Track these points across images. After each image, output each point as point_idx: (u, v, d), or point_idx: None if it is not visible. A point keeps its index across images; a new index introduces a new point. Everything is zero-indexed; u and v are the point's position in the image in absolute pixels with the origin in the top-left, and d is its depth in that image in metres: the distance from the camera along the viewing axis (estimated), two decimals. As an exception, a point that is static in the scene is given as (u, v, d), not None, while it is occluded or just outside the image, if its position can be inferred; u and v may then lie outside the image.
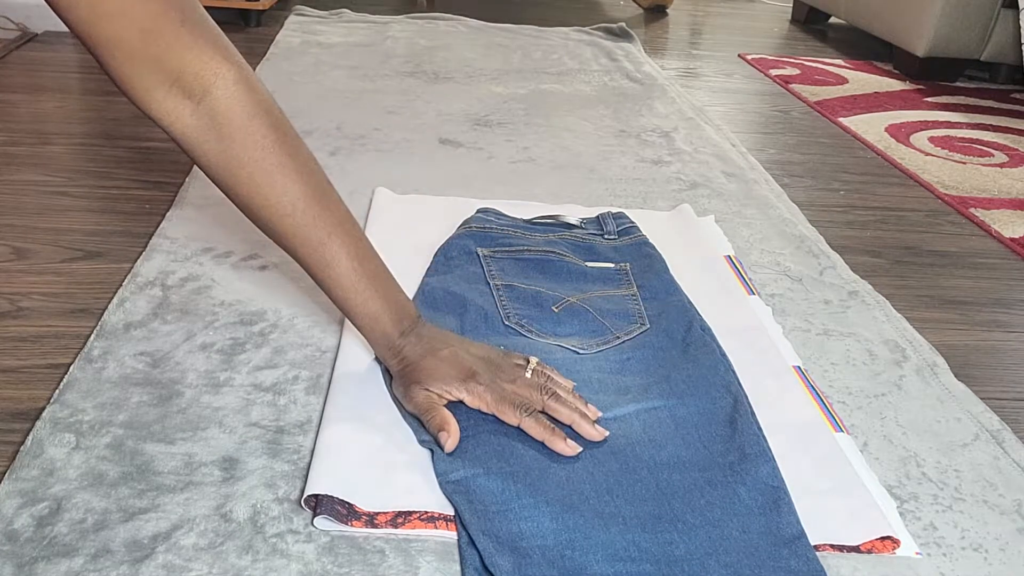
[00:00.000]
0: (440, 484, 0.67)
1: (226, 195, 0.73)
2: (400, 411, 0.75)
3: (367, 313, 0.75)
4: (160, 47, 0.65)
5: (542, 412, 0.73)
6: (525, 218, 1.10)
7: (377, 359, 0.80)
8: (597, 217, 1.11)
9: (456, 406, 0.74)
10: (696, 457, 0.71)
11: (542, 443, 0.71)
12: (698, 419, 0.75)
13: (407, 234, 1.07)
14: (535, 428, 0.71)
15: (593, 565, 0.60)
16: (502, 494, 0.65)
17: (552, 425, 0.71)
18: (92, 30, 0.63)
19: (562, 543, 0.61)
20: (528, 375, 0.75)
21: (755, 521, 0.65)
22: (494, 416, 0.73)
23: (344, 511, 0.64)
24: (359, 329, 0.77)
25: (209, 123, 0.68)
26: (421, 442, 0.72)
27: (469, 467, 0.68)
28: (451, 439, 0.69)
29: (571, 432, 0.72)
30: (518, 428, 0.72)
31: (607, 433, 0.72)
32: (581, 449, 0.70)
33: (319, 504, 0.64)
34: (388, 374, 0.78)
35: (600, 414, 0.75)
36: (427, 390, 0.73)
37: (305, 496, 0.65)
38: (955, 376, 0.90)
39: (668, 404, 0.77)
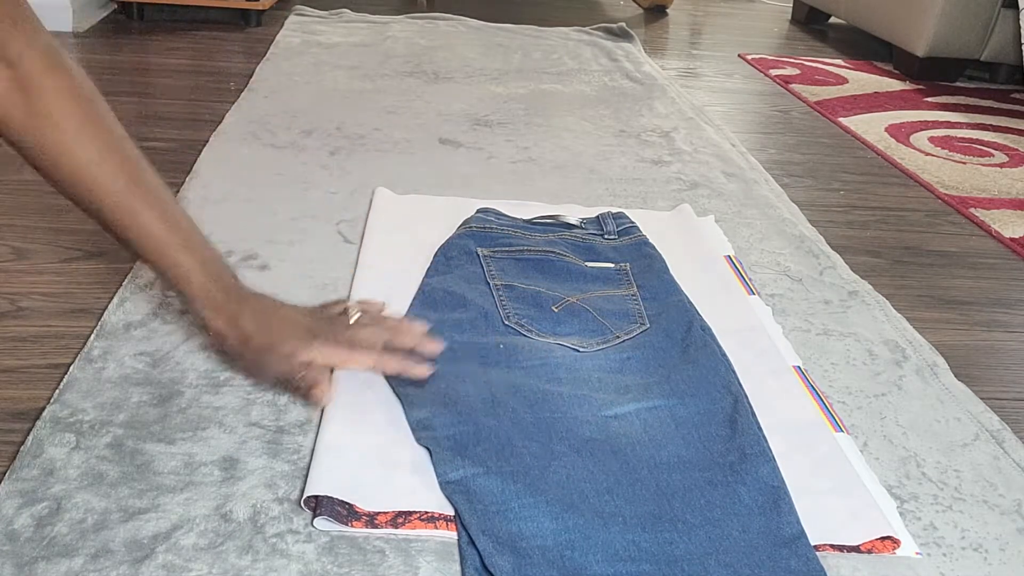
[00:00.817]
0: (440, 484, 0.67)
1: (27, 157, 0.71)
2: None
3: (182, 263, 0.74)
4: None
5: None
6: (525, 218, 1.10)
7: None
8: (597, 217, 1.11)
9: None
10: (696, 457, 0.71)
11: (540, 441, 0.71)
12: (698, 419, 0.76)
13: (407, 234, 1.07)
14: (391, 363, 0.75)
15: (593, 565, 0.60)
16: (501, 494, 0.65)
17: (403, 356, 0.76)
18: None
19: (562, 543, 0.61)
20: (355, 317, 0.78)
21: (755, 521, 0.65)
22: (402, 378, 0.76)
23: (344, 512, 0.64)
24: (176, 284, 0.75)
25: (21, 84, 0.67)
26: (419, 440, 0.72)
27: (468, 467, 0.68)
28: (329, 392, 0.73)
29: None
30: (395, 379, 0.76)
31: (442, 345, 0.78)
32: (435, 369, 0.76)
33: (319, 505, 0.64)
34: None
35: (428, 326, 0.81)
36: (282, 355, 0.74)
37: (305, 497, 0.65)
38: (955, 376, 0.90)
39: (668, 404, 0.77)
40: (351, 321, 0.78)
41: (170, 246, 0.73)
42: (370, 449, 0.70)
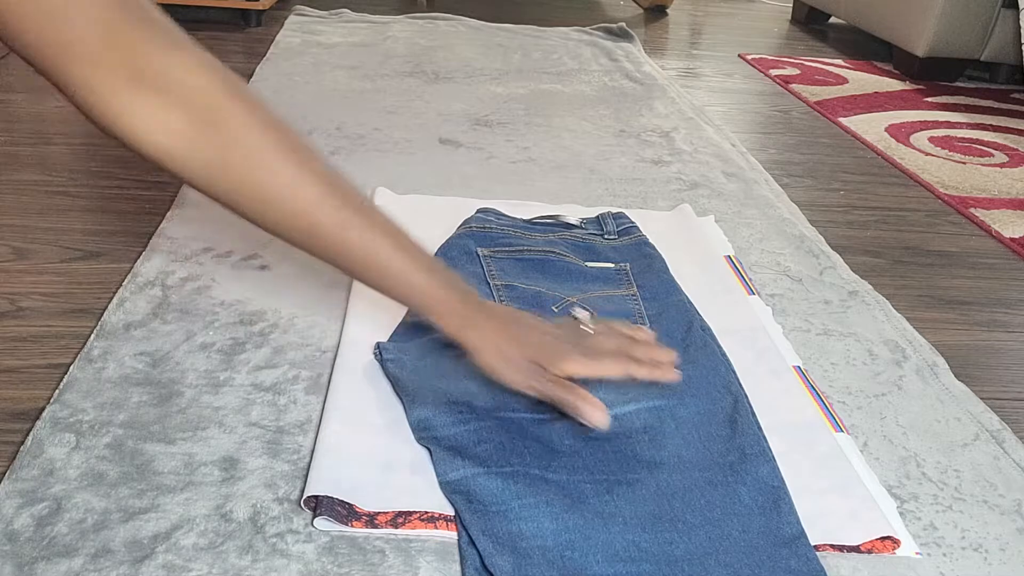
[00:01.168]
0: (440, 484, 0.67)
1: (227, 202, 0.64)
2: (408, 409, 0.74)
3: (426, 285, 0.69)
4: (124, 42, 0.56)
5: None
6: (525, 218, 1.10)
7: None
8: (597, 217, 1.11)
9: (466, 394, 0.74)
10: (696, 457, 0.71)
11: (541, 441, 0.71)
12: (698, 419, 0.76)
13: (407, 234, 1.07)
14: (643, 371, 0.71)
15: (593, 565, 0.60)
16: (501, 494, 0.65)
17: (650, 362, 0.72)
18: (41, 33, 0.54)
19: (562, 543, 0.61)
20: (592, 327, 0.74)
21: (755, 521, 0.65)
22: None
23: (344, 512, 0.64)
24: (421, 306, 0.70)
25: (204, 121, 0.59)
26: (419, 440, 0.72)
27: (469, 466, 0.68)
28: (598, 409, 0.68)
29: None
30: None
31: (675, 355, 0.75)
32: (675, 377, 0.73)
33: (319, 505, 0.64)
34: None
35: (651, 336, 0.77)
36: (537, 364, 0.69)
37: (305, 497, 0.65)
38: (955, 376, 0.90)
39: (668, 404, 0.77)
40: (589, 328, 0.74)
41: (399, 259, 0.68)
42: (370, 449, 0.70)
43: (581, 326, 0.75)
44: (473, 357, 0.71)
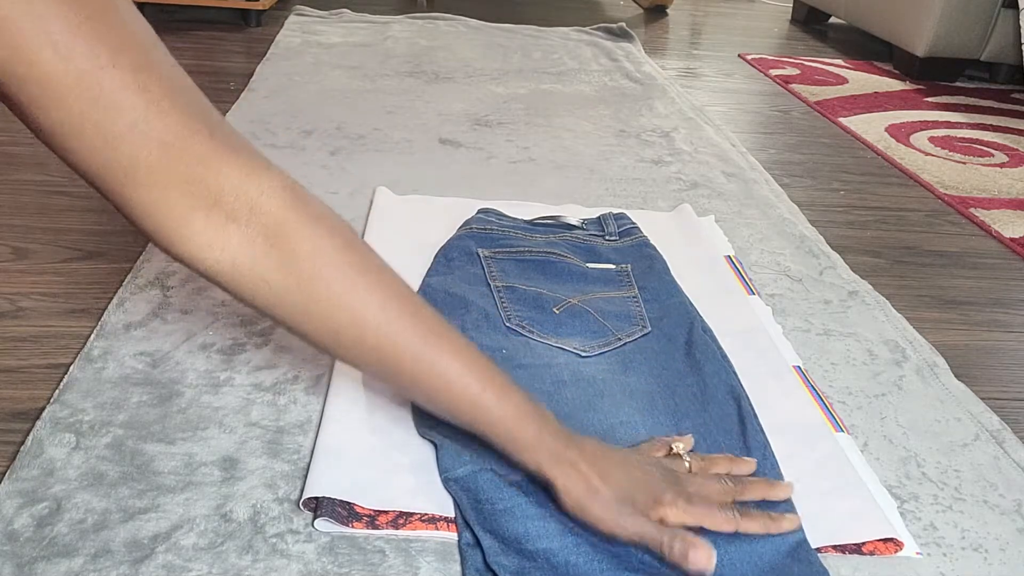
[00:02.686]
0: (443, 481, 0.67)
1: (294, 327, 0.59)
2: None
3: (507, 416, 0.62)
4: (188, 163, 0.52)
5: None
6: (526, 219, 1.10)
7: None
8: (598, 218, 1.11)
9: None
10: None
11: None
12: (705, 429, 0.75)
13: (407, 234, 1.07)
14: (755, 526, 0.63)
15: (598, 571, 0.60)
16: (509, 492, 0.65)
17: (762, 516, 0.64)
18: (103, 158, 0.51)
19: (568, 546, 0.61)
20: (688, 466, 0.67)
21: (760, 535, 0.64)
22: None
23: (344, 512, 0.64)
24: (505, 444, 0.62)
25: (265, 241, 0.55)
26: (424, 434, 0.72)
27: (476, 462, 0.67)
28: (708, 555, 0.58)
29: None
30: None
31: (791, 490, 0.68)
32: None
33: (319, 506, 0.64)
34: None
35: (754, 466, 0.69)
36: (636, 508, 0.61)
37: (305, 498, 0.64)
38: (955, 376, 0.90)
39: (674, 419, 0.77)
40: (685, 466, 0.67)
41: (483, 391, 0.61)
42: (370, 449, 0.70)
43: (678, 461, 0.68)
44: (560, 495, 0.62)
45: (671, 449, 0.68)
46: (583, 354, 0.85)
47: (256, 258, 0.56)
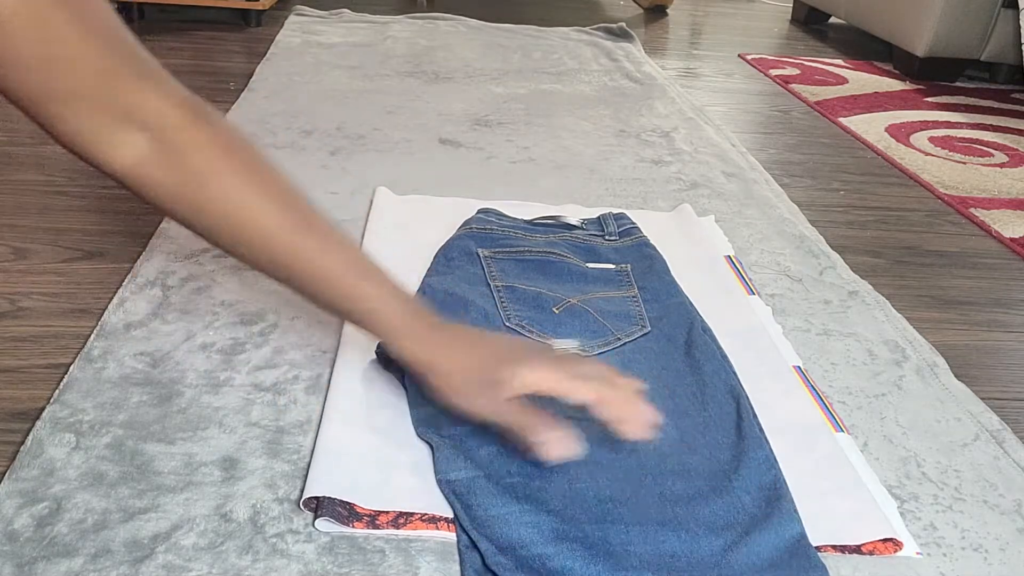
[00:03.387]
0: (439, 482, 0.67)
1: (187, 220, 0.67)
2: (415, 422, 0.69)
3: (377, 296, 0.68)
4: (116, 87, 0.61)
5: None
6: (526, 219, 1.10)
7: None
8: (598, 218, 1.11)
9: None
10: (701, 465, 0.71)
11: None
12: (703, 427, 0.75)
13: (407, 234, 1.07)
14: (617, 404, 0.64)
15: (593, 574, 0.60)
16: (502, 497, 0.65)
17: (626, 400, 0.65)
18: (46, 89, 0.58)
19: (562, 551, 0.61)
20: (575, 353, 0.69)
21: (760, 531, 0.64)
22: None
23: (345, 512, 0.64)
24: (374, 320, 0.68)
25: (166, 144, 0.63)
26: (421, 435, 0.72)
27: (471, 468, 0.68)
28: (562, 442, 0.62)
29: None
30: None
31: (661, 418, 0.67)
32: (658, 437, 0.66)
33: (320, 506, 0.64)
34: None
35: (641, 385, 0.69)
36: (496, 381, 0.64)
37: (305, 498, 0.64)
38: (955, 376, 0.90)
39: (673, 418, 0.76)
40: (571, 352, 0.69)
41: (356, 283, 0.68)
42: (370, 449, 0.70)
43: (562, 351, 0.68)
44: (425, 380, 0.68)
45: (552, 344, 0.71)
46: (582, 354, 0.85)
47: (158, 160, 0.63)
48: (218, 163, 0.65)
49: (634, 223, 1.10)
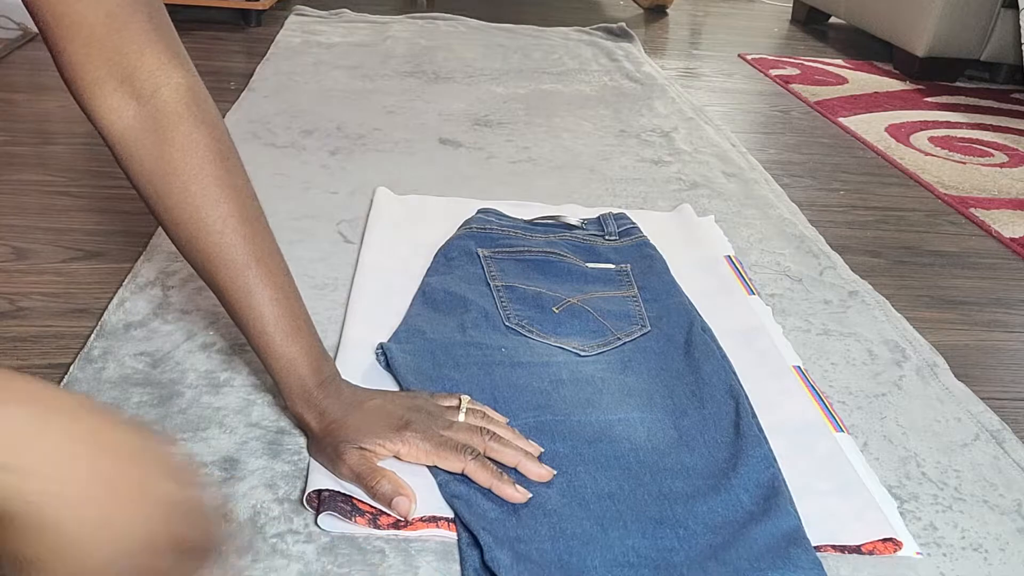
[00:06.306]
0: (439, 484, 0.67)
1: (150, 205, 0.68)
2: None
3: (285, 355, 0.68)
4: (122, 37, 0.63)
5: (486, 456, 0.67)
6: (526, 218, 1.10)
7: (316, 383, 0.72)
8: (598, 218, 1.11)
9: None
10: (700, 463, 0.71)
11: (543, 443, 0.71)
12: (702, 426, 0.75)
13: (407, 234, 1.07)
14: (481, 473, 0.65)
15: (592, 570, 0.60)
16: (500, 501, 0.65)
17: (498, 470, 0.66)
18: (58, 11, 0.61)
19: (560, 548, 0.61)
20: (462, 417, 0.70)
21: (757, 525, 0.64)
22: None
23: (347, 507, 0.64)
24: (273, 373, 0.70)
25: (151, 124, 0.65)
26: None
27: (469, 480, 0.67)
28: (411, 502, 0.63)
29: (518, 475, 0.67)
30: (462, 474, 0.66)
31: (553, 472, 0.68)
32: (531, 495, 0.65)
33: (322, 502, 0.64)
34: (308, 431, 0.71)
35: (541, 450, 0.70)
36: (360, 448, 0.65)
37: (307, 493, 0.64)
38: (955, 376, 0.90)
39: (672, 417, 0.77)
40: (459, 418, 0.69)
41: (277, 334, 0.68)
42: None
43: (453, 410, 0.70)
44: (313, 446, 0.69)
45: (460, 401, 0.72)
46: (582, 353, 0.85)
47: (139, 137, 0.65)
48: (191, 167, 0.66)
49: (634, 223, 1.10)
